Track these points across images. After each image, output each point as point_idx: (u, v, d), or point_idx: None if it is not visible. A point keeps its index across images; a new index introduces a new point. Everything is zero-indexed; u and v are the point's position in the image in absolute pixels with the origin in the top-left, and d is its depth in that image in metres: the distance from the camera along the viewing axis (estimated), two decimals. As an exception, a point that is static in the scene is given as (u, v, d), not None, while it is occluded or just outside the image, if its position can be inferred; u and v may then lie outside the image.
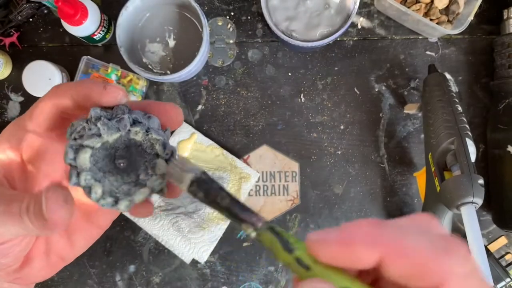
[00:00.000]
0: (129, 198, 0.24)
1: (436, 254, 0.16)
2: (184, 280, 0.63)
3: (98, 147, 0.23)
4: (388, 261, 0.16)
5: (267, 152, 0.64)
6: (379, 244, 0.16)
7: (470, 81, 0.64)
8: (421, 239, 0.16)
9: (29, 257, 0.26)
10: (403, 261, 0.16)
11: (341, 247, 0.17)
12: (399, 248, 0.16)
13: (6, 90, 0.64)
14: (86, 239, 0.27)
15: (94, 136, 0.23)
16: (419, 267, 0.16)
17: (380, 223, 0.17)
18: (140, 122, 0.23)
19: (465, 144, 0.50)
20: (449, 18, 0.60)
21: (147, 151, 0.24)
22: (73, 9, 0.54)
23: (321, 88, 0.64)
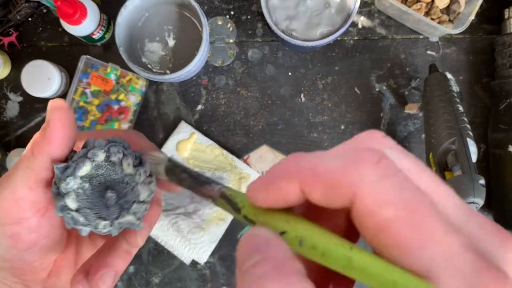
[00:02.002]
0: (115, 222, 0.25)
1: (344, 166, 0.15)
2: (183, 281, 0.63)
3: (81, 194, 0.24)
4: (305, 188, 0.16)
5: (267, 152, 0.64)
6: (294, 174, 0.16)
7: (471, 80, 0.64)
8: (330, 158, 0.16)
9: (58, 267, 0.26)
10: (316, 183, 0.15)
11: (267, 188, 0.17)
12: (310, 172, 0.16)
13: (5, 90, 0.63)
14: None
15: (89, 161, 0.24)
16: (331, 185, 0.15)
17: (298, 154, 0.17)
18: (112, 161, 0.25)
19: (466, 144, 0.50)
20: (450, 18, 0.60)
21: (134, 186, 0.25)
22: (72, 8, 0.54)
23: (322, 88, 0.64)
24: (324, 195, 0.15)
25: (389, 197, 0.14)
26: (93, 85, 0.60)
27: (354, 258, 0.14)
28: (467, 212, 0.15)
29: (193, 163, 0.62)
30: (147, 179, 0.25)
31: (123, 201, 0.25)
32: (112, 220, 0.25)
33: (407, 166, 0.16)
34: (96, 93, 0.61)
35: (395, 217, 0.14)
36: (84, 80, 0.61)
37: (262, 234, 0.16)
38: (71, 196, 0.24)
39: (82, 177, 0.24)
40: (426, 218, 0.14)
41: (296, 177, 0.16)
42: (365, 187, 0.14)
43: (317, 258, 0.15)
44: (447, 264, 0.13)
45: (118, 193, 0.25)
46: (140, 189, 0.25)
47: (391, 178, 0.14)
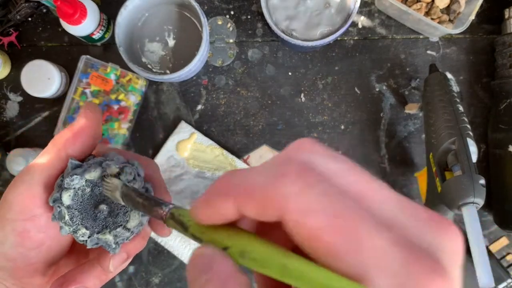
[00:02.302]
0: (100, 235, 0.25)
1: (270, 183, 0.15)
2: (183, 280, 0.63)
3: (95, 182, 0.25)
4: (239, 205, 0.16)
5: (267, 152, 0.64)
6: (227, 192, 0.16)
7: (471, 80, 0.64)
8: (257, 175, 0.16)
9: (57, 274, 0.26)
10: (248, 200, 0.16)
11: (206, 206, 0.17)
12: (241, 189, 0.16)
13: (5, 90, 0.63)
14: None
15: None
16: (261, 201, 0.15)
17: (234, 172, 0.17)
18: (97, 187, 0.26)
19: (466, 144, 0.50)
20: (450, 18, 0.60)
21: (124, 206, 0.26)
22: (72, 8, 0.54)
23: (322, 88, 0.64)
24: (256, 210, 0.16)
25: (313, 206, 0.14)
26: (93, 85, 0.60)
27: (290, 266, 0.14)
28: (399, 204, 0.15)
29: (193, 163, 0.62)
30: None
31: (111, 220, 0.25)
32: (92, 232, 0.25)
33: (334, 170, 0.16)
34: (96, 93, 0.61)
35: (322, 225, 0.14)
36: (84, 80, 0.61)
37: (206, 252, 0.16)
38: (69, 193, 0.24)
39: (88, 180, 0.25)
40: (352, 222, 0.14)
41: (229, 195, 0.16)
42: (290, 200, 0.14)
43: (258, 268, 0.15)
44: (378, 263, 0.13)
45: (110, 211, 0.25)
46: (132, 217, 0.25)
47: (313, 187, 0.14)
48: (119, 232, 0.25)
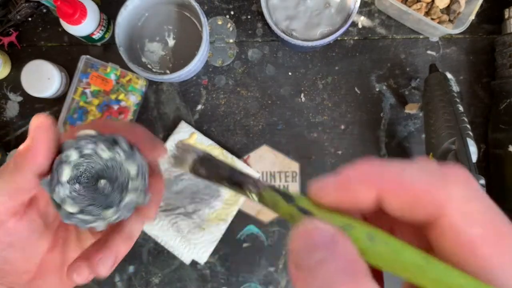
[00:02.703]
0: (93, 218, 0.25)
1: (432, 182, 0.15)
2: (183, 281, 0.63)
3: (99, 162, 0.25)
4: (385, 197, 0.16)
5: (267, 152, 0.64)
6: (374, 181, 0.16)
7: (471, 80, 0.64)
8: (417, 171, 0.16)
9: (43, 270, 0.26)
10: (399, 194, 0.15)
11: (340, 191, 0.17)
12: (394, 182, 0.16)
13: (5, 90, 0.63)
14: None
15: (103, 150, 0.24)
16: (416, 198, 0.15)
17: (376, 161, 0.17)
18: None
19: (466, 144, 0.50)
20: (450, 18, 0.60)
21: (128, 188, 0.25)
22: (72, 8, 0.54)
23: (322, 88, 0.64)
24: (405, 206, 0.15)
25: (478, 216, 0.15)
26: (93, 85, 0.60)
27: (430, 266, 0.14)
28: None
29: (193, 163, 0.62)
30: (130, 155, 0.25)
31: (117, 184, 0.25)
32: (116, 205, 0.24)
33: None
34: (96, 93, 0.61)
35: (484, 235, 0.14)
36: (84, 80, 0.61)
37: (325, 228, 0.15)
38: (68, 202, 0.24)
39: (68, 181, 0.24)
40: (509, 240, 0.14)
41: (377, 184, 0.16)
42: (454, 205, 0.15)
43: (386, 256, 0.15)
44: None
45: (108, 179, 0.25)
46: (127, 166, 0.25)
47: (479, 198, 0.15)
48: (132, 184, 0.25)
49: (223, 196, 0.62)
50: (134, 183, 0.25)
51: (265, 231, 0.63)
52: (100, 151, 0.24)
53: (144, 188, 0.25)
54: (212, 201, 0.62)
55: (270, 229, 0.63)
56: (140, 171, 0.25)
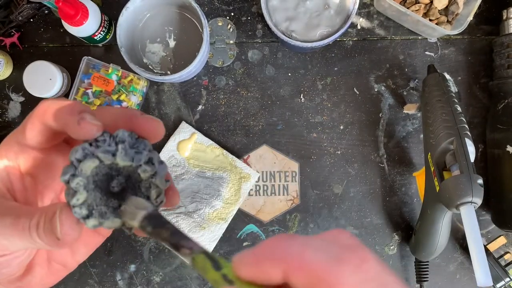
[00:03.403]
0: (100, 220, 0.24)
1: (329, 264, 0.16)
2: (184, 279, 0.63)
3: (105, 165, 0.24)
4: (289, 275, 0.17)
5: (267, 152, 0.64)
6: (281, 259, 0.17)
7: (470, 81, 0.64)
8: (319, 251, 0.17)
9: (31, 266, 0.26)
10: (301, 274, 0.16)
11: (252, 266, 0.18)
12: (297, 261, 0.17)
13: (7, 91, 0.64)
14: (88, 246, 0.28)
15: (109, 153, 0.23)
16: (316, 279, 0.16)
17: (286, 238, 0.18)
18: (153, 164, 0.24)
19: (464, 144, 0.50)
20: (449, 19, 0.61)
21: (142, 190, 0.25)
22: (73, 9, 0.54)
23: (321, 88, 0.64)
24: (305, 284, 0.16)
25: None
26: (95, 86, 0.61)
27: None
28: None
29: (193, 163, 0.63)
30: (148, 159, 0.25)
31: (131, 184, 0.25)
32: (108, 213, 0.24)
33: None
34: (98, 94, 0.61)
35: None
36: (85, 81, 0.61)
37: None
38: (79, 207, 0.23)
39: (82, 203, 0.23)
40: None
41: (281, 263, 0.17)
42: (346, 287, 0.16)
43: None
44: None
45: (123, 180, 0.25)
46: (141, 170, 0.24)
47: (369, 282, 0.16)
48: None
49: (224, 196, 0.63)
50: (148, 173, 0.24)
51: (265, 230, 0.64)
52: (105, 159, 0.24)
53: (160, 164, 0.25)
54: (212, 200, 0.62)
55: (270, 228, 0.64)
56: (148, 156, 0.24)
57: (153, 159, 0.24)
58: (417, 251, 0.59)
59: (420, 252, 0.59)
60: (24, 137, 0.24)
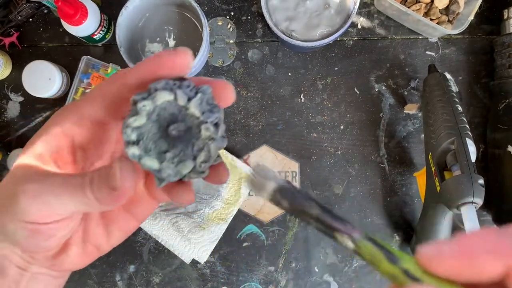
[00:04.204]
0: (174, 167, 0.23)
1: None
2: (184, 280, 0.63)
3: (177, 105, 0.23)
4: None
5: (267, 152, 0.64)
6: (505, 254, 0.15)
7: (470, 81, 0.64)
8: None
9: (67, 245, 0.25)
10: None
11: (460, 260, 0.16)
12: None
13: (6, 90, 0.64)
14: (123, 230, 0.27)
15: (186, 96, 0.23)
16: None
17: (503, 232, 0.16)
18: (218, 128, 0.23)
19: (465, 144, 0.50)
20: (449, 18, 0.60)
21: (193, 148, 0.23)
22: (73, 9, 0.54)
23: (321, 88, 0.64)
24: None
25: None
26: (94, 85, 0.61)
27: None
28: None
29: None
30: (209, 107, 0.23)
31: (192, 134, 0.23)
32: (191, 157, 0.23)
33: None
34: (97, 93, 0.61)
35: None
36: (85, 81, 0.61)
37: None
38: (136, 148, 0.22)
39: (139, 127, 0.22)
40: None
41: (505, 259, 0.15)
42: None
43: None
44: None
45: (182, 127, 0.23)
46: (204, 118, 0.23)
47: None
48: (208, 144, 0.23)
49: (223, 196, 0.62)
50: (182, 99, 0.23)
51: (265, 230, 0.64)
52: (180, 98, 0.23)
53: (192, 87, 0.23)
54: (212, 200, 0.62)
55: (270, 228, 0.64)
56: (218, 120, 0.23)
57: (220, 125, 0.23)
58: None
59: (420, 253, 0.58)
60: (91, 106, 0.23)
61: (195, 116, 0.23)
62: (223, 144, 0.23)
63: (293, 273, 0.63)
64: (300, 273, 0.63)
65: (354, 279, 0.63)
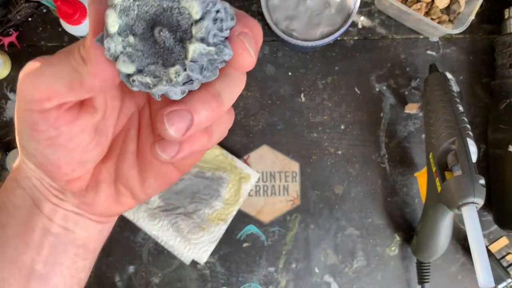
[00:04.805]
0: (150, 78, 0.19)
1: None
2: (183, 281, 0.63)
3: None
4: None
5: (267, 152, 0.64)
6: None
7: (471, 80, 0.64)
8: None
9: (97, 180, 0.24)
10: None
11: None
12: None
13: (5, 90, 0.63)
14: (160, 179, 0.24)
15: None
16: None
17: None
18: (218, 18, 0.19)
19: (466, 144, 0.50)
20: (450, 18, 0.60)
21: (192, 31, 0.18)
22: (72, 8, 0.54)
23: (322, 88, 0.64)
24: None
25: None
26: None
27: None
28: None
29: (193, 163, 0.62)
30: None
31: (181, 32, 0.18)
32: (181, 60, 0.18)
33: None
34: (96, 93, 0.61)
35: None
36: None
37: None
38: (122, 60, 0.18)
39: (119, 32, 0.18)
40: None
41: None
42: None
43: None
44: None
45: (168, 26, 0.18)
46: (187, 4, 0.18)
47: None
48: (199, 31, 0.18)
49: (223, 196, 0.62)
50: (202, 29, 0.18)
51: (265, 231, 0.63)
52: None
53: (220, 36, 0.18)
54: (212, 201, 0.62)
55: (270, 229, 0.63)
56: (207, 11, 0.18)
57: (225, 11, 0.18)
58: (419, 252, 0.59)
59: (421, 253, 0.58)
60: None
61: (184, 51, 0.18)
62: (174, 97, 0.19)
63: (293, 273, 0.63)
64: (300, 273, 0.63)
65: (355, 279, 0.63)
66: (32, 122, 0.21)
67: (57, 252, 0.25)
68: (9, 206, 0.25)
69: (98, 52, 0.19)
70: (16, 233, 0.24)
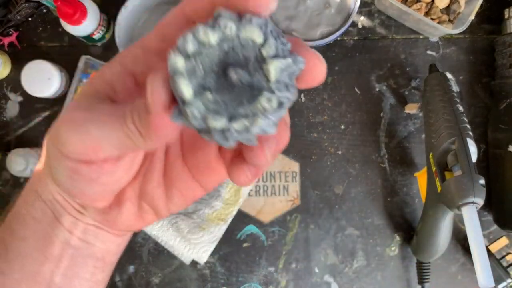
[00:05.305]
0: (246, 120, 0.17)
1: None
2: (183, 281, 0.63)
3: (233, 44, 0.18)
4: None
5: (267, 152, 0.64)
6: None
7: (471, 80, 0.64)
8: None
9: (121, 199, 0.24)
10: None
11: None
12: None
13: (5, 90, 0.63)
14: (185, 196, 0.24)
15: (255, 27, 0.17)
16: None
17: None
18: (298, 63, 0.18)
19: (466, 144, 0.50)
20: (450, 18, 0.60)
21: (260, 97, 0.18)
22: (72, 8, 0.54)
23: (322, 88, 0.64)
24: None
25: None
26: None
27: None
28: None
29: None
30: (242, 21, 0.17)
31: (251, 64, 0.18)
32: (266, 84, 0.17)
33: None
34: (96, 93, 0.61)
35: None
36: (84, 80, 0.61)
37: None
38: (211, 119, 0.17)
39: (195, 94, 0.18)
40: None
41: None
42: None
43: None
44: None
45: (237, 64, 0.18)
46: (248, 33, 0.17)
47: None
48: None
49: (223, 196, 0.62)
50: (271, 46, 0.17)
51: (265, 231, 0.63)
52: (203, 36, 0.17)
53: (286, 49, 0.18)
54: (212, 201, 0.62)
55: (270, 229, 0.63)
56: (266, 31, 0.17)
57: (283, 107, 0.17)
58: (419, 252, 0.59)
59: (421, 253, 0.58)
60: (146, 40, 0.22)
61: (265, 77, 0.17)
62: (271, 131, 0.18)
63: (293, 273, 0.63)
64: (300, 273, 0.63)
65: (355, 279, 0.63)
66: (73, 168, 0.20)
67: (77, 265, 0.25)
68: (28, 218, 0.24)
69: (160, 134, 0.18)
70: (36, 246, 0.24)
